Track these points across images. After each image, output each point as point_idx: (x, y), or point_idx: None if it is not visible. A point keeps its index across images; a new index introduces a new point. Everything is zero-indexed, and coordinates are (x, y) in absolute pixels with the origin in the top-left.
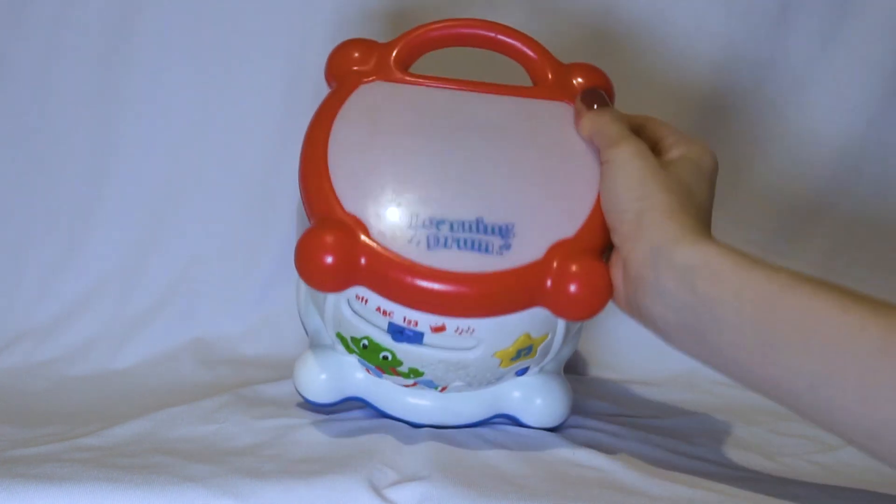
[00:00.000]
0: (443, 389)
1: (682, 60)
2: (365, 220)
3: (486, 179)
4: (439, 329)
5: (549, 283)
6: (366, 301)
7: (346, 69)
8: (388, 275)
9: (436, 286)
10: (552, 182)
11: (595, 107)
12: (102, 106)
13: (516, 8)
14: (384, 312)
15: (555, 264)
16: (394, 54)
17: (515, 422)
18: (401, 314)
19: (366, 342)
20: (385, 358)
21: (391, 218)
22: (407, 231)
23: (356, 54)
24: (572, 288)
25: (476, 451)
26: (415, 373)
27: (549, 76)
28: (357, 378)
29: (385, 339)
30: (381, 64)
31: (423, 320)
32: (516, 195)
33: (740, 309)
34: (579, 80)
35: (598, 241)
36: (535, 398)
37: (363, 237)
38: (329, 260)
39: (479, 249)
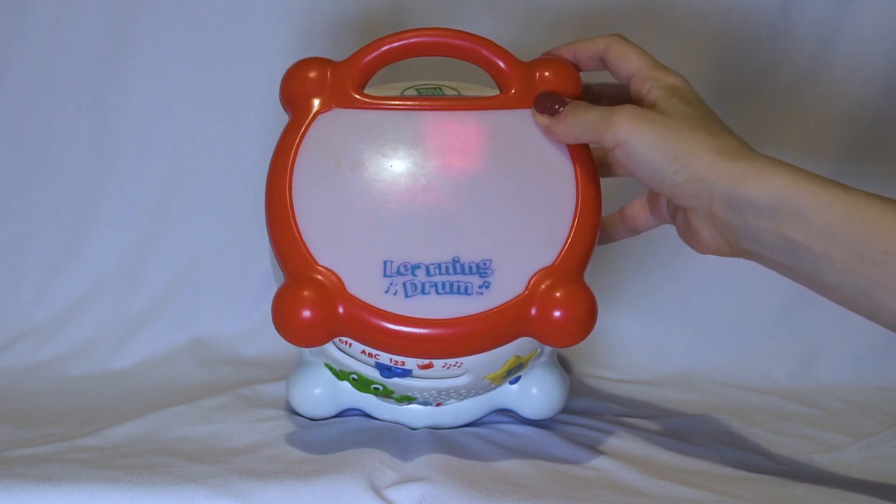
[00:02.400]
0: (438, 404)
1: (682, 59)
2: (339, 273)
3: (459, 214)
4: (427, 367)
5: (533, 311)
6: (350, 344)
7: (302, 93)
8: (369, 327)
9: (417, 334)
10: (528, 208)
11: (557, 108)
12: (102, 106)
13: (515, 6)
14: (369, 354)
15: (537, 294)
16: (350, 74)
17: (513, 414)
18: (387, 356)
19: (355, 376)
20: (376, 389)
21: (366, 268)
22: (383, 281)
23: (311, 75)
24: (557, 315)
25: (475, 451)
26: (407, 399)
27: (513, 78)
28: (352, 390)
29: (373, 374)
30: (338, 85)
31: (410, 361)
32: (492, 228)
33: (834, 259)
34: (546, 73)
35: (579, 265)
36: (531, 388)
37: (340, 291)
38: (307, 318)
39: (458, 292)
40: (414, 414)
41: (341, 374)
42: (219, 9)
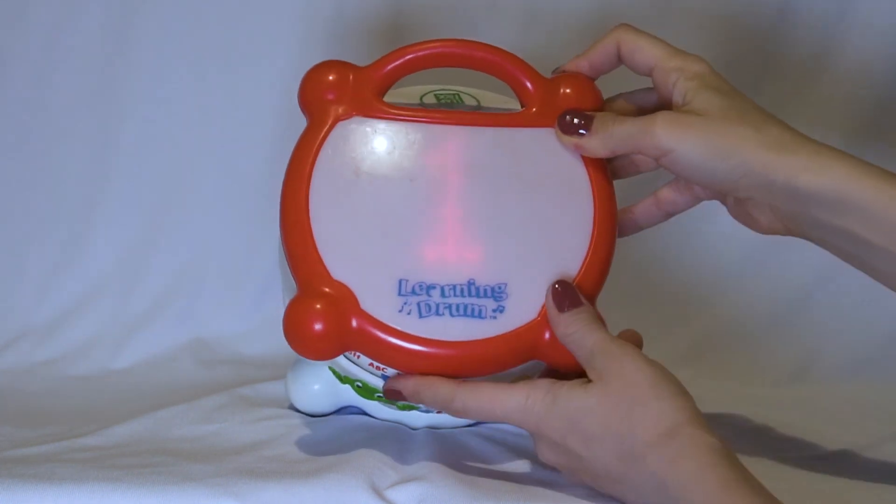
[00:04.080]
0: (438, 411)
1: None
2: (353, 288)
3: (476, 234)
4: None
5: (546, 336)
6: (358, 356)
7: (321, 97)
8: (381, 345)
9: (430, 355)
10: (545, 231)
11: (584, 123)
12: (102, 106)
13: (515, 8)
14: (377, 367)
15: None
16: (372, 81)
17: None
18: (395, 371)
19: (360, 384)
20: (380, 397)
21: (381, 285)
22: (397, 299)
23: (331, 78)
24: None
25: (475, 451)
26: (409, 407)
27: (536, 96)
28: (351, 389)
29: (379, 384)
30: (358, 91)
31: None
32: (508, 250)
33: (893, 252)
34: (567, 90)
35: (593, 291)
36: None
37: (353, 307)
38: (319, 331)
39: (471, 315)
40: (412, 416)
41: (345, 380)
42: (219, 9)
